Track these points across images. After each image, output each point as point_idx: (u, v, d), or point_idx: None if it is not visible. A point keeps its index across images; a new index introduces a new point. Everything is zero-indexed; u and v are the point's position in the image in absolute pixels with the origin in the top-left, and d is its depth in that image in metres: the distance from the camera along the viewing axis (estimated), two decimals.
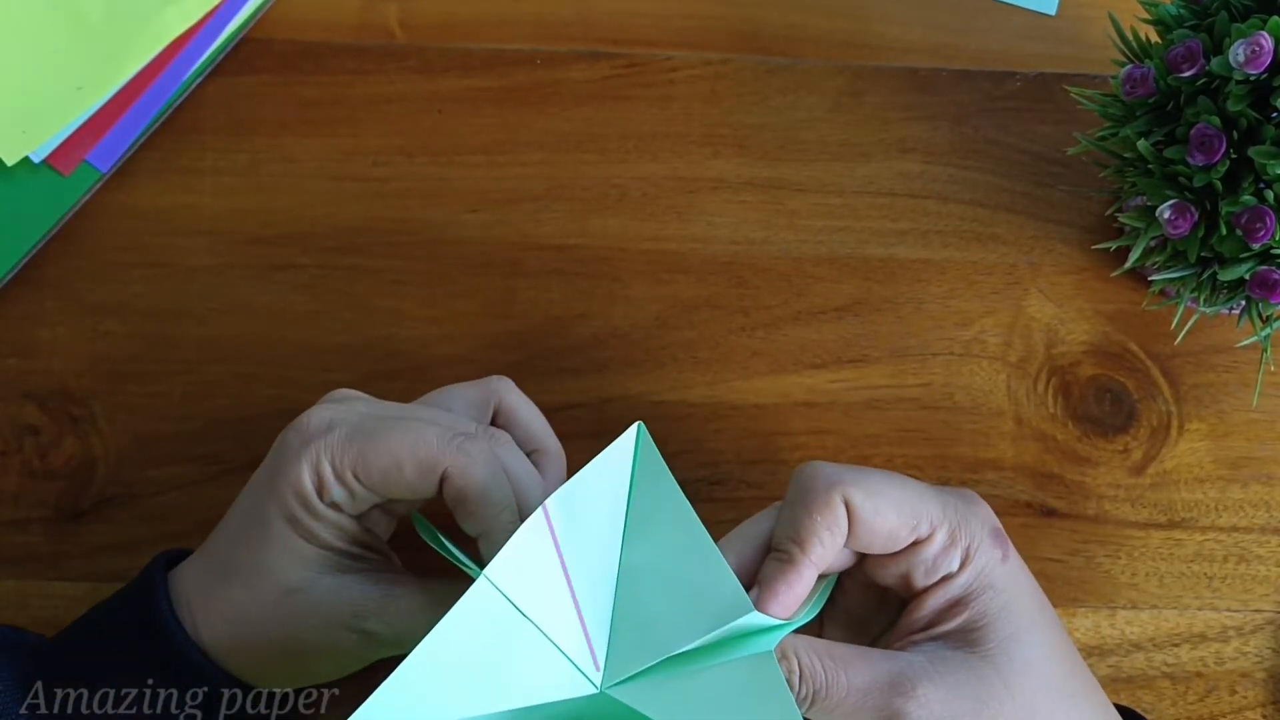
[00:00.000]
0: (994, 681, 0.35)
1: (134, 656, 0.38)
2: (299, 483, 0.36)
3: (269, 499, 0.37)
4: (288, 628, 0.37)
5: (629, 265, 0.50)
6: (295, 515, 0.37)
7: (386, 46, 0.52)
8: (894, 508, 0.36)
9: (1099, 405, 0.49)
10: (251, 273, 0.49)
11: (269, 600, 0.37)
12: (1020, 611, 0.36)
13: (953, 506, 0.37)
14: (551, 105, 0.51)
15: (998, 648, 0.36)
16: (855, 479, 0.37)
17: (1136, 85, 0.42)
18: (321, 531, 0.37)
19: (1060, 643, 0.37)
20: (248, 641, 0.38)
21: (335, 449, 0.37)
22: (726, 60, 0.52)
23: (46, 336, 0.48)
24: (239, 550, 0.38)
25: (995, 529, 0.38)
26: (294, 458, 0.37)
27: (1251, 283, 0.41)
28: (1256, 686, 0.47)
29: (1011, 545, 0.38)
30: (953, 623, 0.37)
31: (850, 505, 0.36)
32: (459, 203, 0.50)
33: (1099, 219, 0.51)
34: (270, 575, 0.37)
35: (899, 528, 0.37)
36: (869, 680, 0.35)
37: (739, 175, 0.51)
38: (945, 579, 0.37)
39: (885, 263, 0.50)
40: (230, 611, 0.38)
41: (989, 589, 0.37)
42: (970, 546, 0.37)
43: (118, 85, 0.49)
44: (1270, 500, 0.49)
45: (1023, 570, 0.38)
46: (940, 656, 0.36)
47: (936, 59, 0.53)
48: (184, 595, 0.39)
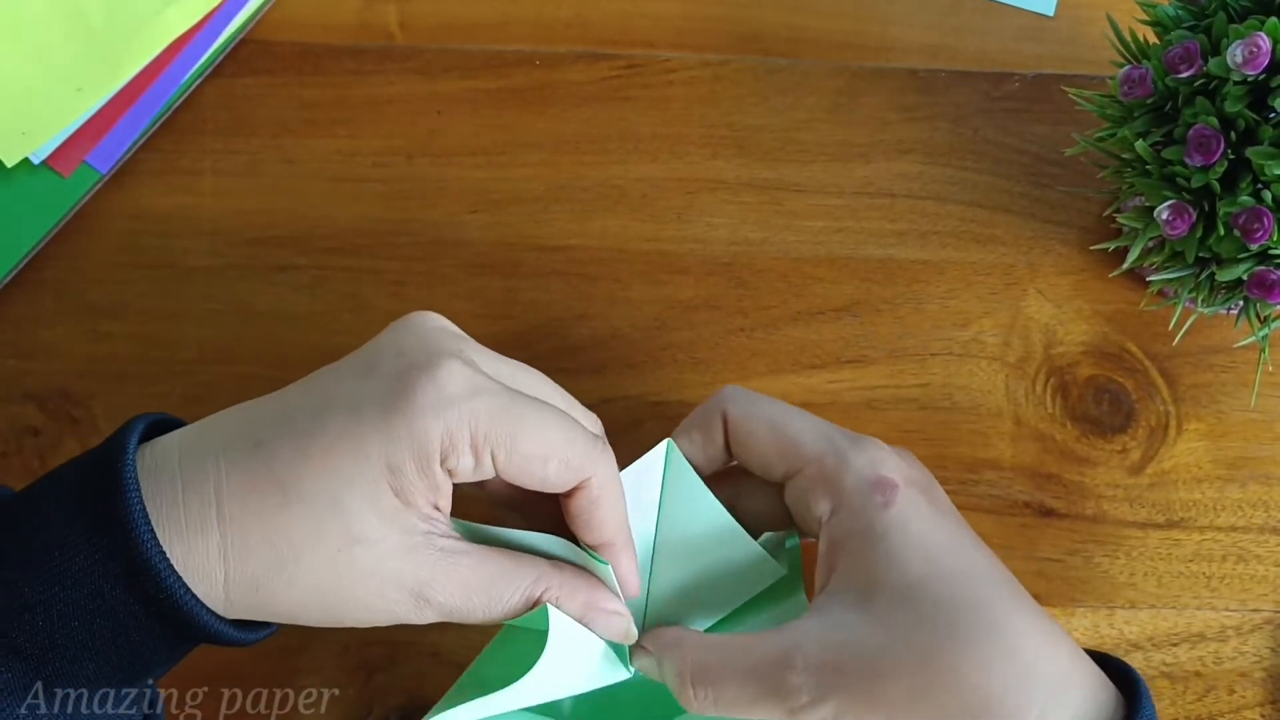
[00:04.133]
0: (884, 645, 0.33)
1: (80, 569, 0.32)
2: (426, 440, 0.33)
3: (376, 437, 0.33)
4: (341, 576, 0.33)
5: (628, 266, 0.50)
6: (402, 468, 0.33)
7: (386, 48, 0.52)
8: (769, 431, 0.38)
9: (1097, 405, 0.49)
10: (251, 273, 0.49)
11: (331, 545, 0.33)
12: (915, 558, 0.34)
13: (834, 445, 0.36)
14: (551, 106, 0.51)
15: (887, 604, 0.33)
16: (743, 399, 0.39)
17: (1134, 86, 0.42)
18: (419, 493, 0.34)
19: (979, 590, 0.34)
20: (283, 579, 0.33)
21: (483, 421, 0.33)
22: (725, 61, 0.52)
23: (46, 337, 0.48)
24: (310, 474, 0.33)
25: (878, 477, 0.35)
26: (430, 412, 0.33)
27: (1249, 283, 0.41)
28: (1255, 686, 0.47)
29: (910, 494, 0.35)
30: (837, 574, 0.35)
31: (727, 418, 0.39)
32: (459, 204, 0.50)
33: (1097, 219, 0.51)
34: (343, 518, 0.33)
35: (769, 453, 0.38)
36: (758, 660, 0.34)
37: (738, 176, 0.51)
38: (822, 523, 0.36)
39: (884, 263, 0.51)
40: (277, 538, 0.33)
41: (865, 537, 0.34)
42: (841, 488, 0.35)
43: (117, 86, 0.49)
44: (1268, 500, 0.49)
45: (926, 519, 0.35)
46: (833, 619, 0.34)
47: (935, 60, 0.53)
48: (207, 489, 0.33)
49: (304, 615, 0.34)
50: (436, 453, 0.33)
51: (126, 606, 0.32)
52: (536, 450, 0.34)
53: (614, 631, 0.37)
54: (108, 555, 0.31)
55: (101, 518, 0.32)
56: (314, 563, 0.33)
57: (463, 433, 0.33)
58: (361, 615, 0.35)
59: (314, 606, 0.34)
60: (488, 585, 0.35)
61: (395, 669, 0.45)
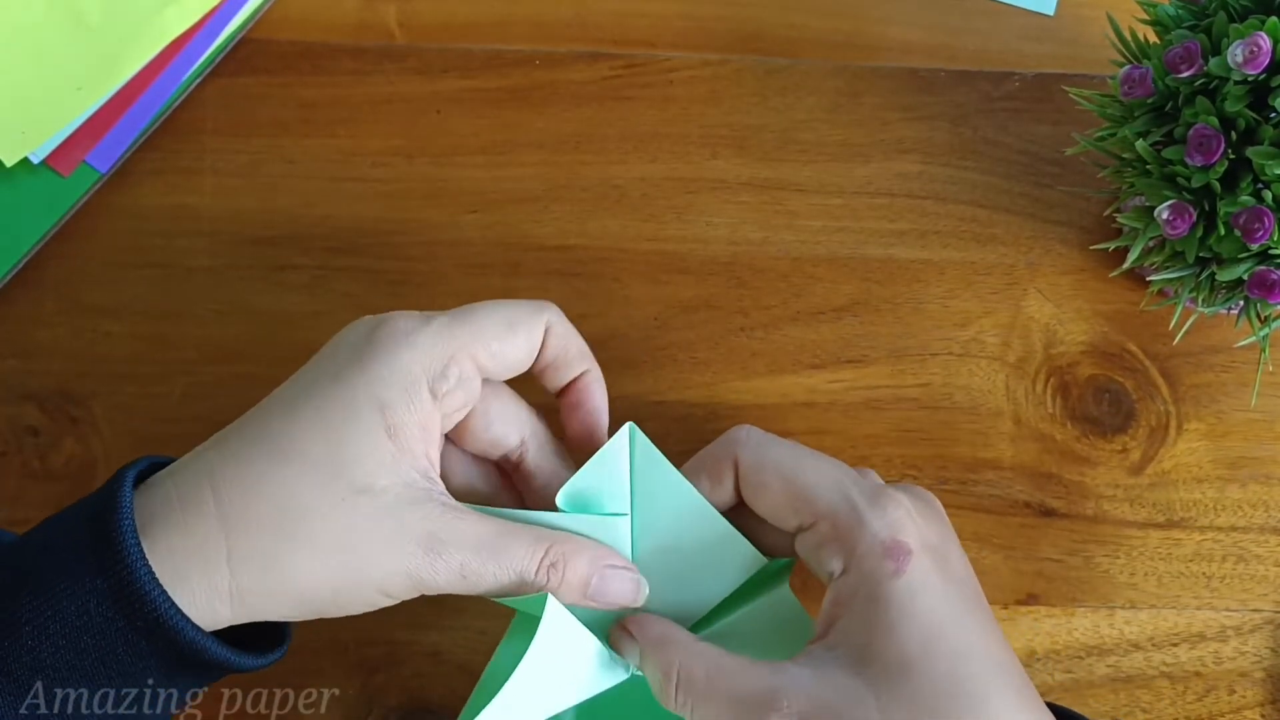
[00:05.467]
0: (870, 713, 0.32)
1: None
2: (408, 369, 0.34)
3: (360, 384, 0.34)
4: (349, 531, 0.33)
5: (628, 266, 0.50)
6: (392, 403, 0.34)
7: (386, 47, 0.52)
8: (781, 483, 0.37)
9: (1097, 405, 0.49)
10: (251, 273, 0.49)
11: (335, 495, 0.33)
12: (915, 635, 0.33)
13: (850, 503, 0.36)
14: (550, 106, 0.51)
15: (882, 674, 0.33)
16: (755, 446, 0.38)
17: (1135, 86, 0.42)
18: (414, 432, 0.35)
19: (972, 673, 0.33)
20: (291, 543, 0.33)
21: (446, 334, 0.36)
22: (725, 61, 0.52)
23: (46, 337, 0.48)
24: (303, 433, 0.34)
25: (894, 542, 0.35)
26: (403, 345, 0.35)
27: (1250, 283, 0.41)
28: (1255, 686, 0.47)
29: (923, 563, 0.34)
30: (836, 631, 0.35)
31: (738, 467, 0.38)
32: (458, 203, 0.50)
33: (1097, 219, 0.51)
34: (344, 470, 0.33)
35: (781, 506, 0.37)
36: (748, 689, 0.34)
37: (738, 176, 0.51)
38: (832, 579, 0.35)
39: (884, 263, 0.51)
40: (280, 496, 0.33)
41: (871, 602, 0.34)
42: (854, 550, 0.35)
43: (117, 86, 0.49)
44: (1269, 500, 0.49)
45: (935, 592, 0.34)
46: (826, 673, 0.34)
47: (935, 59, 0.53)
48: (200, 478, 0.33)
49: (317, 589, 0.34)
50: (422, 378, 0.35)
51: (113, 623, 0.32)
52: (499, 324, 0.37)
53: (625, 589, 0.37)
54: (95, 571, 0.32)
55: (92, 538, 0.32)
56: (321, 517, 0.33)
57: (437, 350, 0.35)
58: (375, 577, 0.34)
59: (326, 575, 0.33)
60: (495, 538, 0.35)
61: (395, 669, 0.45)
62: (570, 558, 0.36)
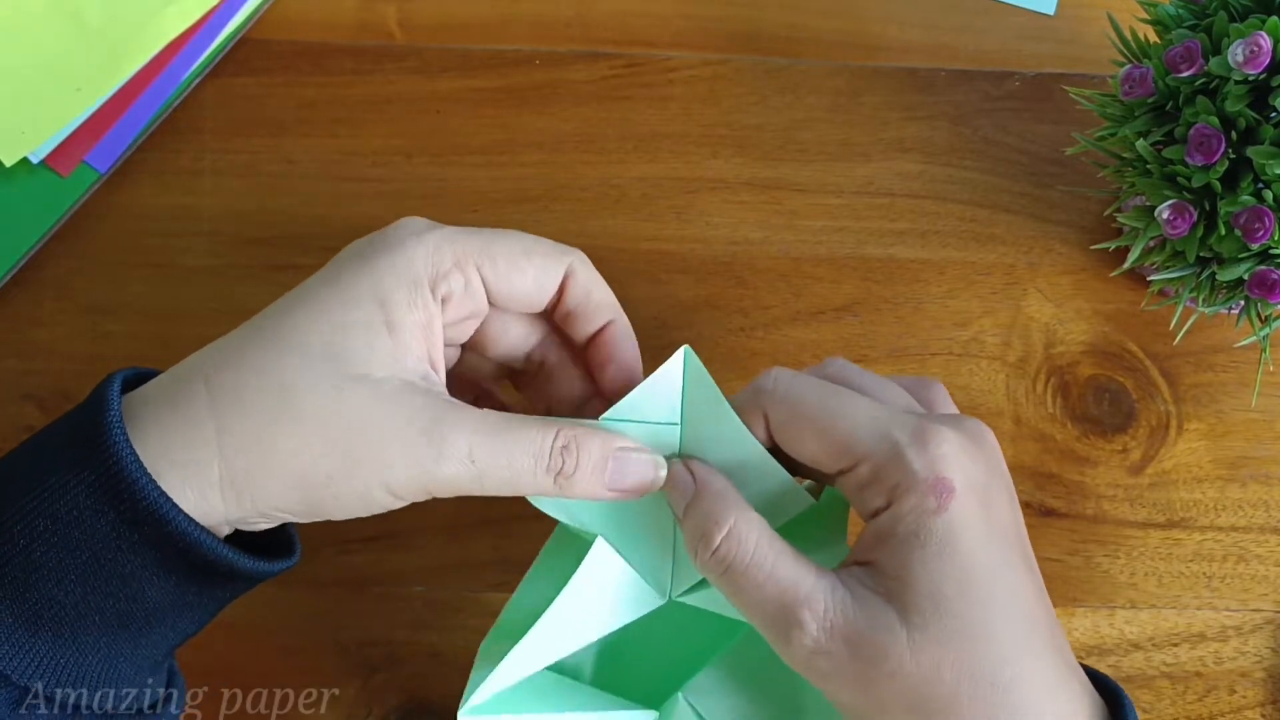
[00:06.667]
0: (898, 643, 0.32)
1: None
2: (411, 264, 0.33)
3: (364, 277, 0.33)
4: (345, 415, 0.32)
5: (628, 265, 0.50)
6: (393, 297, 0.33)
7: (385, 47, 0.52)
8: (815, 431, 0.35)
9: (1098, 405, 0.49)
10: (251, 273, 0.49)
11: (328, 382, 0.32)
12: (952, 575, 0.32)
13: (890, 441, 0.34)
14: (550, 106, 0.51)
15: (913, 606, 0.32)
16: (784, 399, 0.36)
17: (1135, 85, 0.42)
18: (414, 331, 0.34)
19: (999, 629, 0.33)
20: (284, 422, 0.32)
21: (459, 240, 0.34)
22: (725, 60, 0.52)
23: (46, 337, 0.48)
24: (300, 325, 0.33)
25: (936, 478, 0.33)
26: (411, 242, 0.34)
27: (1250, 283, 0.41)
28: (1255, 686, 0.47)
29: (966, 502, 0.33)
30: (875, 561, 0.34)
31: (768, 421, 0.36)
32: (458, 203, 0.50)
33: (1098, 219, 0.51)
34: (340, 359, 0.32)
35: (818, 453, 0.35)
36: (790, 579, 0.33)
37: (738, 175, 0.51)
38: (874, 513, 0.34)
39: (884, 263, 0.50)
40: (272, 379, 0.32)
41: (911, 538, 0.33)
42: (898, 487, 0.33)
43: (116, 86, 0.49)
44: (1269, 500, 0.49)
45: (976, 535, 0.33)
46: (863, 594, 0.33)
47: (935, 59, 0.53)
48: (194, 371, 0.33)
49: (311, 472, 0.32)
50: (425, 276, 0.34)
51: (104, 516, 0.31)
52: (516, 248, 0.35)
53: (644, 470, 0.36)
54: (83, 465, 0.31)
55: (80, 432, 0.31)
56: (314, 399, 0.32)
57: (444, 253, 0.34)
58: (376, 466, 0.32)
59: (321, 458, 0.32)
60: (503, 422, 0.34)
61: (395, 669, 0.45)
62: (582, 440, 0.35)
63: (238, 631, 0.45)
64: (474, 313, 0.36)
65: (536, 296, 0.37)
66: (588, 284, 0.37)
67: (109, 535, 0.31)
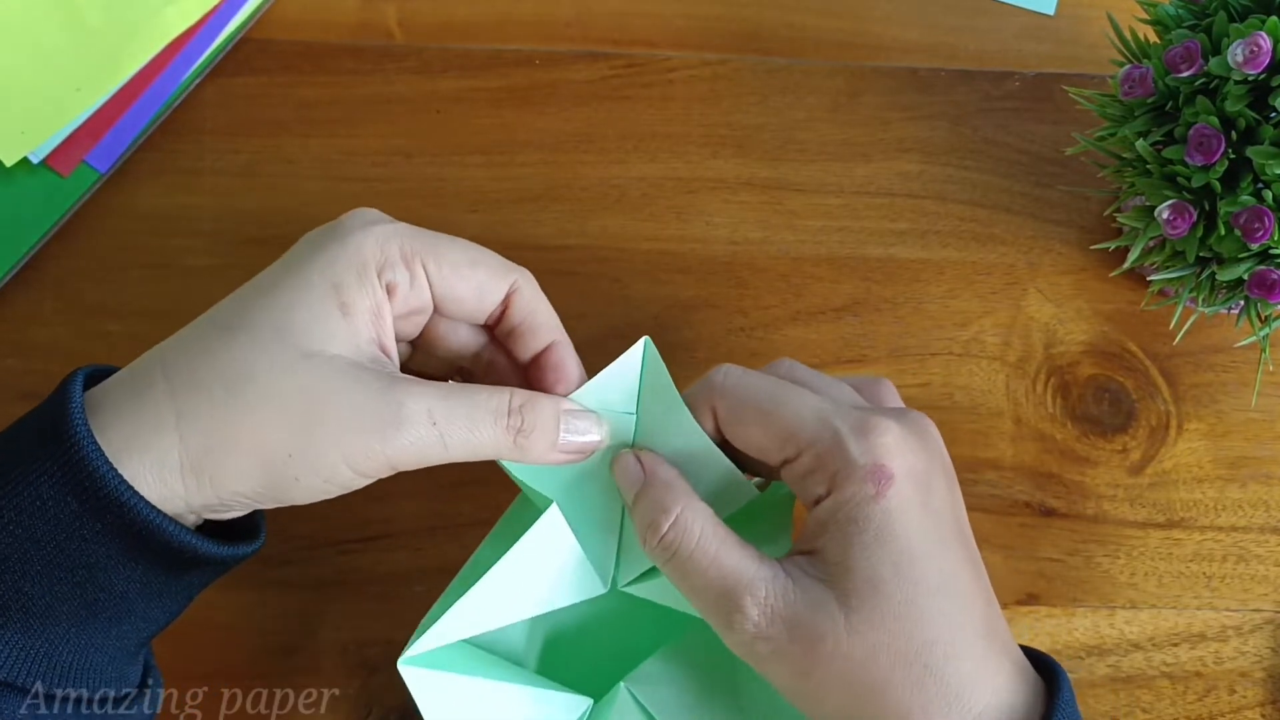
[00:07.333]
0: (836, 627, 0.33)
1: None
2: (361, 251, 0.35)
3: (317, 263, 0.34)
4: (301, 389, 0.33)
5: (628, 265, 0.50)
6: (344, 281, 0.34)
7: (385, 47, 0.52)
8: (761, 422, 0.36)
9: (1098, 405, 0.49)
10: (251, 273, 0.48)
11: (283, 361, 0.33)
12: (888, 559, 0.33)
13: (832, 431, 0.35)
14: (550, 105, 0.51)
15: (851, 590, 0.33)
16: (731, 392, 0.37)
17: (1135, 85, 0.42)
18: (364, 311, 0.34)
19: (935, 609, 0.33)
20: (242, 401, 0.32)
21: (407, 237, 0.36)
22: (725, 60, 0.52)
23: (46, 337, 0.48)
24: (253, 309, 0.34)
25: (875, 465, 0.34)
26: (359, 231, 0.35)
27: (1250, 283, 0.41)
28: (1255, 686, 0.47)
29: (904, 489, 0.34)
30: (816, 549, 0.35)
31: (716, 411, 0.37)
32: (458, 203, 0.50)
33: (1098, 219, 0.51)
34: (292, 336, 0.33)
35: (764, 442, 0.36)
36: (734, 566, 0.34)
37: (738, 175, 0.51)
38: (816, 500, 0.35)
39: (884, 263, 0.50)
40: (227, 361, 0.33)
41: (850, 524, 0.34)
42: (837, 475, 0.34)
43: (116, 86, 0.49)
44: (1269, 500, 0.49)
45: (913, 521, 0.34)
46: (804, 580, 0.34)
47: (935, 59, 0.53)
48: (152, 363, 0.34)
49: (271, 450, 0.32)
50: (372, 262, 0.35)
51: (66, 506, 0.31)
52: (463, 256, 0.36)
53: (590, 428, 0.37)
54: (45, 456, 0.31)
55: (43, 425, 0.32)
56: (270, 378, 0.32)
57: (391, 244, 0.35)
58: (335, 442, 0.33)
59: (280, 435, 0.32)
60: (461, 390, 0.35)
61: (395, 669, 0.45)
62: (535, 400, 0.36)
63: (238, 632, 0.45)
64: (419, 309, 0.37)
65: (478, 306, 0.38)
66: (532, 302, 0.38)
67: (72, 525, 0.31)
